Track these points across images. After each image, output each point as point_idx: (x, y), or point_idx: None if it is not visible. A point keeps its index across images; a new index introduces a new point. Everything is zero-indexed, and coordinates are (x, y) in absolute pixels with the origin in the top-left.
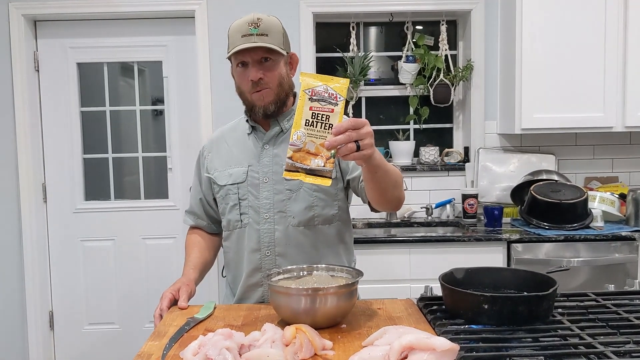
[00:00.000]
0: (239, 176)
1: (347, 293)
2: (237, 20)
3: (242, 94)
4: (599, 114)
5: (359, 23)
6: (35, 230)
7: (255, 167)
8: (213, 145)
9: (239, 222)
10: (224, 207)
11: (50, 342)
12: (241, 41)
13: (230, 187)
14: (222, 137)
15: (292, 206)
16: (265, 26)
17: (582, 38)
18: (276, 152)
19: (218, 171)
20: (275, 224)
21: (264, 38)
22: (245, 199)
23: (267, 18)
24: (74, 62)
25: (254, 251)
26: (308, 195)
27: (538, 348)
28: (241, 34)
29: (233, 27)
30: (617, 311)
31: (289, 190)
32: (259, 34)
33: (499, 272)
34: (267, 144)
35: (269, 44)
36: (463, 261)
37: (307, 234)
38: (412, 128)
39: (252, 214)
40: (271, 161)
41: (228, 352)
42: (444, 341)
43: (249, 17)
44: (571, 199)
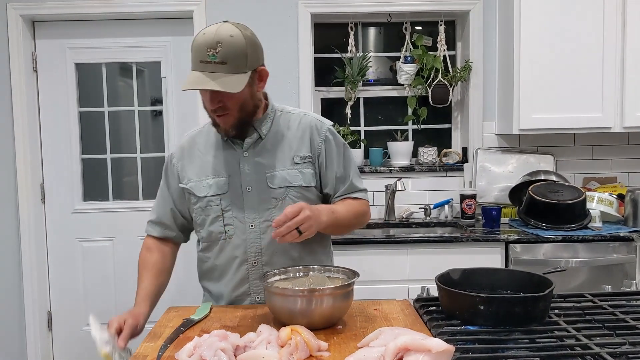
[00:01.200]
0: (221, 187)
1: (343, 294)
2: (200, 35)
3: (206, 110)
4: (597, 114)
5: (358, 23)
6: (33, 230)
7: (237, 177)
8: (184, 153)
9: (222, 234)
10: (203, 219)
11: (48, 342)
12: (198, 67)
13: (212, 199)
14: (193, 144)
15: (277, 214)
16: (225, 51)
17: (581, 38)
18: (257, 160)
19: (193, 181)
20: (261, 234)
21: (222, 67)
22: (229, 210)
23: (229, 40)
24: (72, 62)
25: (241, 262)
26: (293, 202)
27: (534, 349)
28: (199, 59)
29: (195, 43)
30: (614, 312)
31: (274, 199)
32: (217, 62)
33: (495, 272)
34: (247, 152)
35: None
36: (461, 261)
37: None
38: (411, 128)
39: (237, 224)
40: (253, 169)
41: (223, 353)
42: (440, 342)
43: (209, 37)
44: (569, 199)
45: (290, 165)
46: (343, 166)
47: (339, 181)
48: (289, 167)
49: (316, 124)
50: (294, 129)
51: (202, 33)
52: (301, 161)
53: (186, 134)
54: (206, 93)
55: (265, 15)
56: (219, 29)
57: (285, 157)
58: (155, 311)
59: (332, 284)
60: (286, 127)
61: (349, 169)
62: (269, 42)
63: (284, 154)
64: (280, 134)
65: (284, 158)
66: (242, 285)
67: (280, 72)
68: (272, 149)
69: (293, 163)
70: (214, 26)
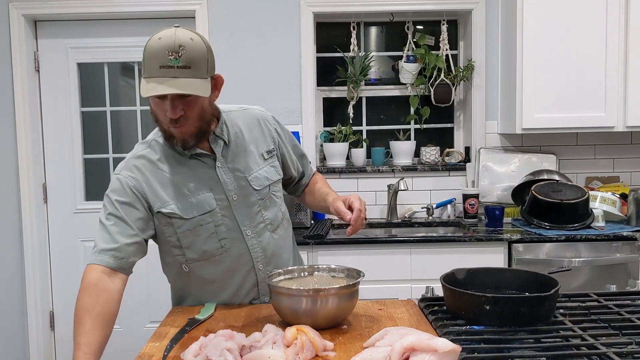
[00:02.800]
0: (208, 203)
1: (348, 294)
2: (154, 40)
3: (158, 122)
4: (600, 114)
5: (360, 23)
6: (35, 230)
7: (218, 189)
8: (142, 176)
9: (219, 249)
10: (191, 241)
11: (50, 342)
12: (158, 73)
13: (202, 217)
14: (148, 164)
15: (266, 213)
16: (188, 55)
17: (583, 37)
18: (233, 167)
19: (173, 204)
20: (258, 237)
21: (186, 72)
22: (221, 224)
23: (191, 44)
24: (74, 62)
25: (248, 271)
26: (275, 197)
27: (540, 349)
28: (159, 64)
29: (150, 48)
30: (619, 312)
31: (260, 200)
32: (181, 66)
33: (500, 272)
34: (219, 162)
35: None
36: (464, 261)
37: (281, 233)
38: (413, 128)
39: (233, 236)
40: (232, 177)
41: (229, 353)
42: (446, 342)
43: (169, 41)
44: (572, 199)
45: (263, 163)
46: (295, 149)
47: (300, 161)
48: (262, 165)
49: (263, 116)
50: (246, 126)
51: (158, 37)
52: (268, 156)
53: (130, 155)
54: (165, 102)
55: (267, 15)
56: (176, 33)
57: (254, 155)
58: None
59: (337, 284)
60: (238, 126)
61: (298, 148)
62: (271, 42)
63: (252, 153)
64: (240, 135)
65: (254, 157)
66: (252, 289)
67: (282, 71)
68: (240, 152)
69: (263, 159)
70: (169, 30)
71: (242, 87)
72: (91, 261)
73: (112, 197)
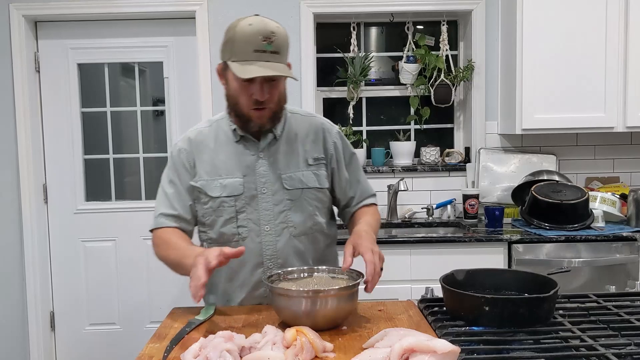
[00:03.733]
0: (235, 188)
1: (348, 295)
2: (244, 25)
3: (237, 105)
4: (600, 114)
5: (360, 23)
6: (36, 231)
7: (251, 178)
8: (193, 149)
9: (235, 236)
10: (213, 220)
11: (51, 342)
12: (253, 56)
13: (226, 200)
14: (202, 141)
15: (293, 216)
16: (279, 42)
17: (583, 38)
18: (272, 161)
19: (205, 180)
20: (276, 236)
21: (277, 57)
22: (243, 211)
23: (279, 30)
24: (74, 62)
25: (256, 265)
26: (308, 204)
27: (539, 350)
28: (253, 48)
29: (242, 33)
30: (619, 313)
31: (289, 201)
32: (273, 51)
33: (499, 273)
34: (262, 153)
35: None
36: (464, 262)
37: (305, 242)
38: (413, 128)
39: (251, 226)
40: (268, 170)
41: (229, 354)
42: (445, 343)
43: (261, 27)
44: (572, 199)
45: (305, 167)
46: (353, 170)
47: (350, 185)
48: (303, 169)
49: (327, 127)
50: (304, 130)
51: (247, 23)
52: (315, 163)
53: (192, 128)
54: (252, 85)
55: (267, 15)
56: (264, 20)
57: (299, 158)
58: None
59: (337, 285)
60: (297, 129)
61: (358, 174)
62: None
63: (298, 156)
64: (293, 135)
65: (298, 159)
66: (258, 288)
67: None
68: (286, 150)
69: (307, 164)
70: (255, 18)
71: None
72: (154, 225)
73: (169, 164)
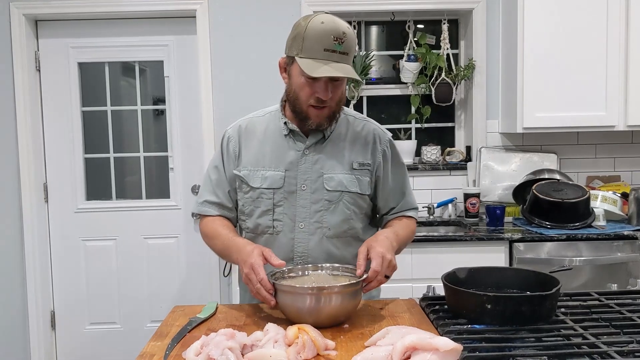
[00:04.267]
0: (276, 181)
1: (352, 292)
2: (316, 23)
3: (297, 100)
4: (601, 113)
5: (361, 22)
6: (36, 230)
7: (293, 173)
8: (242, 137)
9: (270, 228)
10: (251, 210)
11: (51, 341)
12: (323, 55)
13: (265, 191)
14: (252, 130)
15: (329, 218)
16: (348, 43)
17: (584, 36)
18: (317, 159)
19: (248, 170)
20: (309, 234)
21: (345, 57)
22: (280, 205)
23: (349, 32)
24: (75, 61)
25: (286, 260)
26: (346, 208)
27: (541, 348)
28: (323, 47)
29: (314, 31)
30: (620, 310)
31: (327, 202)
32: (342, 52)
33: (501, 271)
34: (308, 150)
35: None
36: (465, 260)
37: (338, 245)
38: (414, 127)
39: (286, 221)
40: (310, 168)
41: (230, 352)
42: (447, 341)
43: (333, 26)
44: (573, 198)
45: (349, 170)
46: (399, 181)
47: (393, 195)
48: (346, 172)
49: (379, 134)
50: (355, 134)
51: (320, 21)
52: (359, 167)
53: (246, 116)
54: (317, 83)
55: (268, 14)
56: (335, 19)
57: (345, 161)
58: (161, 310)
59: (341, 283)
60: (348, 131)
61: (404, 185)
62: (272, 41)
63: (344, 158)
64: (342, 137)
65: (343, 162)
66: None
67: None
68: (332, 151)
69: (351, 168)
70: (326, 16)
71: (243, 86)
72: (198, 211)
73: (217, 149)
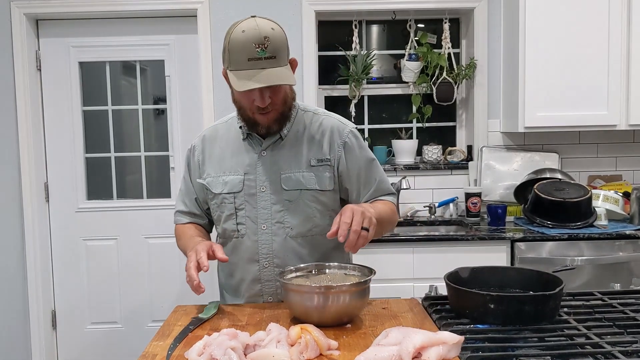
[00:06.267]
0: (235, 185)
1: (360, 291)
2: (238, 33)
3: (241, 109)
4: (602, 112)
5: (362, 21)
6: (37, 229)
7: (252, 176)
8: (205, 146)
9: (235, 232)
10: (218, 215)
11: (52, 341)
12: (247, 65)
13: (226, 196)
14: (214, 138)
15: (290, 217)
16: (274, 46)
17: (586, 35)
18: (274, 160)
19: (211, 177)
20: (272, 235)
21: (273, 61)
22: (242, 208)
23: (273, 33)
24: (76, 61)
25: (251, 262)
26: (306, 206)
27: (544, 348)
28: (247, 57)
29: (235, 42)
30: (624, 310)
31: (287, 201)
32: (268, 57)
33: (504, 271)
34: (265, 151)
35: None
36: (466, 260)
37: (304, 244)
38: (415, 126)
39: (249, 224)
40: (269, 169)
41: (233, 352)
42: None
43: (254, 34)
44: (575, 197)
45: (306, 168)
46: (368, 168)
47: (364, 184)
48: (304, 170)
49: (338, 127)
50: (314, 130)
51: (241, 30)
52: (318, 164)
53: (212, 124)
54: (254, 92)
55: (269, 13)
56: (258, 24)
57: (302, 159)
58: (162, 310)
59: (350, 281)
60: (306, 128)
61: (375, 172)
62: None
63: (301, 156)
64: (300, 134)
65: (301, 160)
66: (254, 285)
67: None
68: (290, 150)
69: (309, 165)
70: (249, 22)
71: None
72: (174, 220)
73: (185, 161)
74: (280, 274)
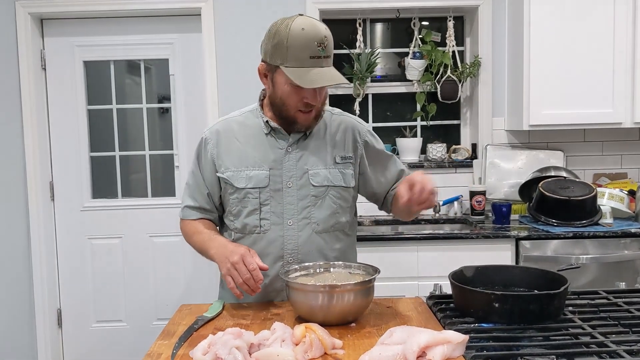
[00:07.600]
0: (261, 180)
1: (364, 290)
2: (297, 30)
3: (284, 106)
4: (607, 110)
5: (366, 19)
6: (43, 228)
7: (278, 171)
8: (220, 139)
9: (257, 228)
10: (239, 210)
11: (58, 339)
12: (309, 63)
13: (250, 191)
14: (230, 131)
15: (316, 213)
16: (330, 45)
17: (591, 33)
18: (300, 156)
19: (231, 171)
20: (298, 231)
21: (329, 61)
22: (267, 204)
23: (328, 33)
24: (80, 60)
25: (276, 258)
26: (332, 202)
27: (549, 347)
28: (309, 54)
29: (297, 39)
30: (629, 309)
31: (314, 197)
32: (326, 56)
33: (509, 270)
34: (291, 147)
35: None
36: (471, 258)
37: (327, 239)
38: (419, 125)
39: (274, 219)
40: (295, 165)
41: (238, 351)
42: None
43: (314, 32)
44: (580, 195)
45: (332, 165)
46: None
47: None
48: (330, 167)
49: (357, 126)
50: (334, 128)
51: (301, 28)
52: (342, 161)
53: (223, 118)
54: (308, 90)
55: (273, 12)
56: (314, 23)
57: (327, 156)
58: (167, 309)
59: (354, 280)
60: (327, 126)
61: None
62: None
63: (326, 153)
64: (322, 133)
65: (326, 157)
66: (276, 281)
67: None
68: (314, 147)
69: (334, 162)
70: (305, 20)
71: (248, 84)
72: (181, 216)
73: (195, 155)
74: (284, 272)
